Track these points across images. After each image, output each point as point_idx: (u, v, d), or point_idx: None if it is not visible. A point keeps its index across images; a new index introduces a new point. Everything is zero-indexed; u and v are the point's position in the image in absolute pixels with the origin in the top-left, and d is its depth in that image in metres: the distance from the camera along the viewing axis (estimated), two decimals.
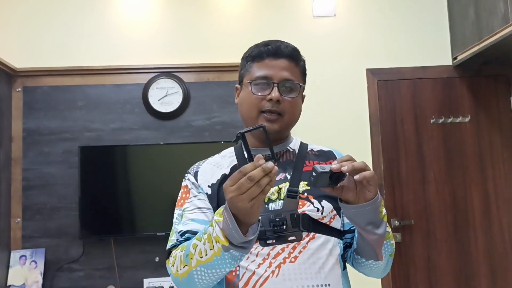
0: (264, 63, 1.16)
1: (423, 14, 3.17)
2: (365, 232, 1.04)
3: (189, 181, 1.21)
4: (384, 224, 1.04)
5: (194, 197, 1.16)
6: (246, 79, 1.18)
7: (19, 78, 2.88)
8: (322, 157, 1.22)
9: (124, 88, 2.94)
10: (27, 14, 2.97)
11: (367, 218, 1.01)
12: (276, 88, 1.13)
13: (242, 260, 0.98)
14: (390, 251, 1.12)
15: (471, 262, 3.01)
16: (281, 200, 1.10)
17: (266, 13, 3.09)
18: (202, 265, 0.96)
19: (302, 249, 1.06)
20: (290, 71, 1.16)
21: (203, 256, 0.95)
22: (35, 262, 2.71)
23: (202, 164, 1.24)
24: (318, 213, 1.09)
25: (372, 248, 1.08)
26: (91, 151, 2.80)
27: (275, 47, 1.16)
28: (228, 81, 2.98)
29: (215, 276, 0.98)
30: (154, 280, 2.75)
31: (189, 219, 1.12)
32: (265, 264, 1.04)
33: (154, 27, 3.04)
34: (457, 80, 3.14)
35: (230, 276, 1.06)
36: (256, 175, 0.85)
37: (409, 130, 3.09)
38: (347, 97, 3.08)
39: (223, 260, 0.93)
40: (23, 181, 2.82)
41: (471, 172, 3.08)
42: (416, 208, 3.03)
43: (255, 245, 1.05)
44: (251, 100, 1.15)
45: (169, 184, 2.79)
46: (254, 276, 1.04)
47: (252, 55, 1.18)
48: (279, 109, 1.13)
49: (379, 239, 1.05)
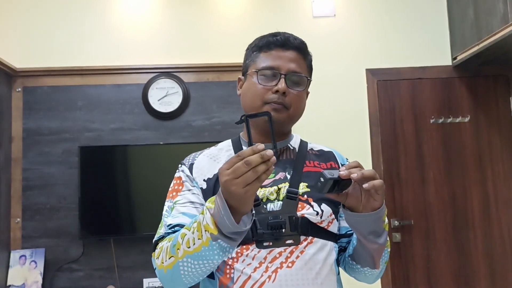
0: (272, 53, 1.12)
1: (423, 15, 3.18)
2: (366, 241, 1.02)
3: (183, 173, 1.16)
4: (385, 233, 1.03)
5: (188, 190, 1.12)
6: (252, 69, 1.14)
7: (19, 78, 2.88)
8: (322, 158, 1.19)
9: (124, 88, 2.94)
10: (27, 14, 2.97)
11: (370, 227, 0.99)
12: (283, 79, 1.09)
13: (231, 253, 0.94)
14: (386, 259, 1.11)
15: (471, 262, 3.01)
16: (280, 201, 1.06)
17: (265, 13, 3.10)
18: (189, 255, 0.92)
19: (300, 253, 1.02)
20: (298, 63, 1.13)
21: (190, 246, 0.92)
22: (35, 262, 2.71)
23: (198, 156, 1.18)
24: (317, 217, 1.06)
25: (371, 256, 1.06)
26: (91, 151, 2.80)
27: (284, 38, 1.13)
28: (228, 81, 2.98)
29: (202, 269, 0.94)
30: (154, 280, 2.75)
31: (180, 212, 1.08)
32: (261, 269, 1.00)
33: (154, 27, 3.04)
34: (457, 80, 3.14)
35: (224, 279, 1.03)
36: (253, 160, 0.82)
37: (408, 130, 3.09)
38: (346, 97, 3.08)
39: (211, 251, 0.90)
40: (23, 181, 2.82)
41: (470, 172, 3.08)
42: (416, 208, 3.04)
43: (250, 247, 1.02)
44: (256, 90, 1.11)
45: (169, 184, 2.79)
46: (250, 280, 1.00)
47: (259, 45, 1.15)
48: (284, 101, 1.09)
49: (379, 248, 1.03)
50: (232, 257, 1.03)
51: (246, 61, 1.19)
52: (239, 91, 1.20)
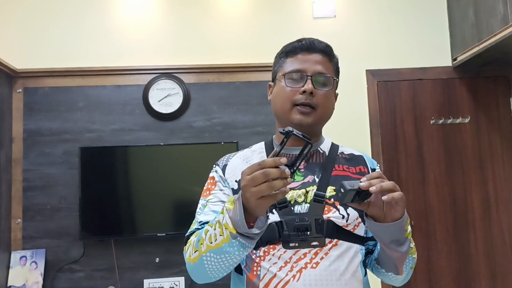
0: (298, 57, 1.16)
1: (423, 15, 3.18)
2: (388, 249, 1.04)
3: (217, 173, 1.21)
4: (408, 242, 1.04)
5: (220, 190, 1.17)
6: (280, 74, 1.18)
7: (19, 79, 2.89)
8: (352, 162, 1.22)
9: (124, 89, 2.95)
10: (28, 15, 2.98)
11: (392, 236, 1.01)
12: (310, 80, 1.13)
13: (251, 249, 0.98)
14: (411, 265, 1.12)
15: (471, 263, 3.01)
16: (307, 203, 1.10)
17: (266, 14, 3.10)
18: (212, 250, 0.98)
19: (324, 255, 1.05)
20: (324, 65, 1.16)
21: (212, 241, 0.97)
22: (35, 263, 2.71)
23: (232, 158, 1.24)
24: (343, 220, 1.09)
25: (394, 263, 1.08)
26: (92, 152, 2.81)
27: (309, 42, 1.17)
28: (229, 82, 2.99)
29: (225, 263, 0.99)
30: (154, 280, 2.76)
31: (212, 210, 1.13)
32: (286, 268, 1.05)
33: (154, 28, 3.05)
34: (457, 81, 3.14)
35: (251, 276, 1.08)
36: (271, 172, 0.85)
37: (409, 131, 3.10)
38: (347, 98, 3.07)
39: (232, 247, 0.94)
40: (23, 182, 2.82)
41: (471, 173, 3.08)
42: (416, 209, 3.04)
43: (277, 247, 1.06)
44: (285, 93, 1.15)
45: (169, 185, 2.80)
46: (275, 278, 1.04)
47: (285, 51, 1.20)
48: (312, 102, 1.13)
49: (401, 256, 1.05)
50: (260, 255, 1.07)
51: (274, 67, 1.23)
52: (270, 96, 1.24)
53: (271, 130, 2.92)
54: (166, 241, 2.80)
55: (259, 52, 3.00)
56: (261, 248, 1.07)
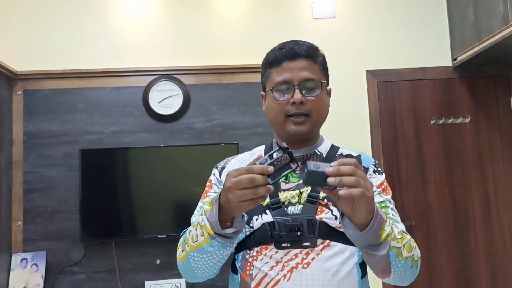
0: (282, 67, 1.16)
1: (423, 16, 3.18)
2: (363, 252, 0.98)
3: (214, 176, 1.23)
4: (386, 245, 0.93)
5: (215, 192, 1.18)
6: (268, 87, 1.19)
7: (19, 81, 2.89)
8: None
9: (124, 90, 2.95)
10: (28, 17, 2.98)
11: (363, 242, 0.93)
12: (298, 90, 1.13)
13: (232, 248, 1.02)
14: (406, 265, 1.02)
15: (472, 263, 3.01)
16: (301, 204, 1.10)
17: (266, 15, 3.10)
18: (195, 250, 1.02)
19: (316, 255, 1.05)
20: (309, 70, 1.16)
21: (195, 241, 1.01)
22: (36, 265, 2.71)
23: (231, 160, 1.25)
24: (335, 221, 1.08)
25: (373, 266, 1.01)
26: (92, 154, 2.81)
27: (289, 49, 1.16)
28: (228, 83, 2.99)
29: (208, 262, 1.03)
30: (155, 282, 2.75)
31: None
32: (277, 267, 1.06)
33: (154, 29, 3.05)
34: (457, 81, 3.14)
35: (244, 275, 1.09)
36: (257, 179, 0.87)
37: (409, 131, 3.09)
38: (347, 99, 3.08)
39: (212, 246, 0.98)
40: (24, 184, 2.82)
41: (471, 173, 3.08)
42: (417, 209, 3.04)
43: (269, 247, 1.08)
44: (276, 106, 1.15)
45: (169, 187, 2.79)
46: (266, 277, 1.06)
47: (269, 61, 1.19)
48: (304, 110, 1.13)
49: (380, 260, 0.96)
50: (253, 255, 1.09)
51: (262, 78, 1.23)
52: (264, 107, 1.24)
53: (271, 131, 2.90)
54: (167, 242, 2.80)
55: (259, 53, 2.94)
56: (254, 248, 1.09)
